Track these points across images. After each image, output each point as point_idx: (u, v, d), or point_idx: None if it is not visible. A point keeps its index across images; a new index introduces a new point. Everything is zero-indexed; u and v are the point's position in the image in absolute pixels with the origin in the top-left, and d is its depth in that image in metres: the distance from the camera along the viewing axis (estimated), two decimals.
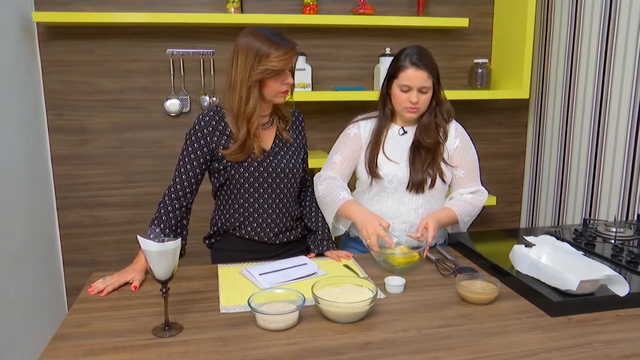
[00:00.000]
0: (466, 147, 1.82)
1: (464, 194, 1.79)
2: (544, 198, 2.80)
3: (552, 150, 2.71)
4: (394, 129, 1.82)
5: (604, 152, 2.33)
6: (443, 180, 1.78)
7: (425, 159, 1.76)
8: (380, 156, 1.79)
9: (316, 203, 1.84)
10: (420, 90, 1.70)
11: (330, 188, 1.76)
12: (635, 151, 2.16)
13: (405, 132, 1.81)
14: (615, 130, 2.26)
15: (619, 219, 2.22)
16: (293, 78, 1.64)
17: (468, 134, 1.85)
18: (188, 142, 1.64)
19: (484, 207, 1.85)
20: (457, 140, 1.81)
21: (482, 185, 1.86)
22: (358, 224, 1.66)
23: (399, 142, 1.81)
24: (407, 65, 1.68)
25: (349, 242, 1.94)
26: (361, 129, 1.84)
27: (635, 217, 2.13)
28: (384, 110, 1.81)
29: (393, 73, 1.73)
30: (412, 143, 1.79)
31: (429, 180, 1.76)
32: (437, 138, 1.77)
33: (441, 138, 1.78)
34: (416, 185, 1.76)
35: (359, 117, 1.88)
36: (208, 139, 1.63)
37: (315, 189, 1.82)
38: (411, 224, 1.78)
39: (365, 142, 1.82)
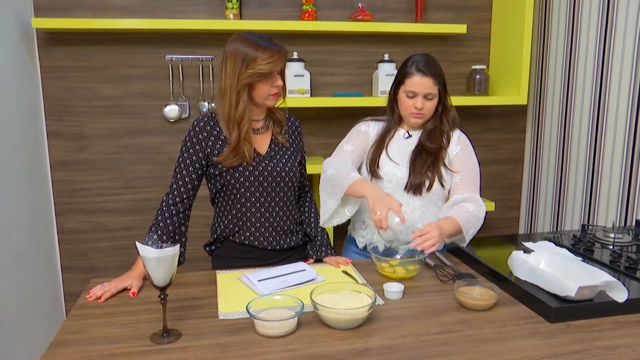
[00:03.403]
0: (467, 154, 1.83)
1: (461, 200, 1.77)
2: (542, 204, 2.80)
3: (550, 155, 2.71)
4: (399, 132, 1.85)
5: (602, 158, 2.34)
6: (442, 185, 1.78)
7: (426, 161, 1.77)
8: (383, 156, 1.80)
9: (315, 209, 1.85)
10: (426, 97, 1.72)
11: (341, 170, 1.71)
12: (633, 156, 2.16)
13: (410, 136, 1.83)
14: (613, 135, 2.26)
15: (617, 225, 2.23)
16: (284, 81, 1.65)
17: (471, 143, 1.86)
18: (183, 148, 1.66)
19: None
20: (458, 147, 1.82)
21: (481, 196, 1.83)
22: (370, 201, 1.60)
23: (402, 144, 1.82)
24: (413, 72, 1.71)
25: (350, 245, 1.94)
26: (370, 128, 1.86)
27: (634, 223, 2.13)
28: (393, 116, 1.84)
29: (400, 79, 1.76)
30: (415, 146, 1.80)
31: (427, 183, 1.76)
32: (440, 143, 1.79)
33: (444, 143, 1.80)
34: (414, 187, 1.76)
35: (369, 117, 1.90)
36: (203, 144, 1.64)
37: (323, 173, 1.77)
38: (407, 226, 1.78)
39: (371, 141, 1.84)
